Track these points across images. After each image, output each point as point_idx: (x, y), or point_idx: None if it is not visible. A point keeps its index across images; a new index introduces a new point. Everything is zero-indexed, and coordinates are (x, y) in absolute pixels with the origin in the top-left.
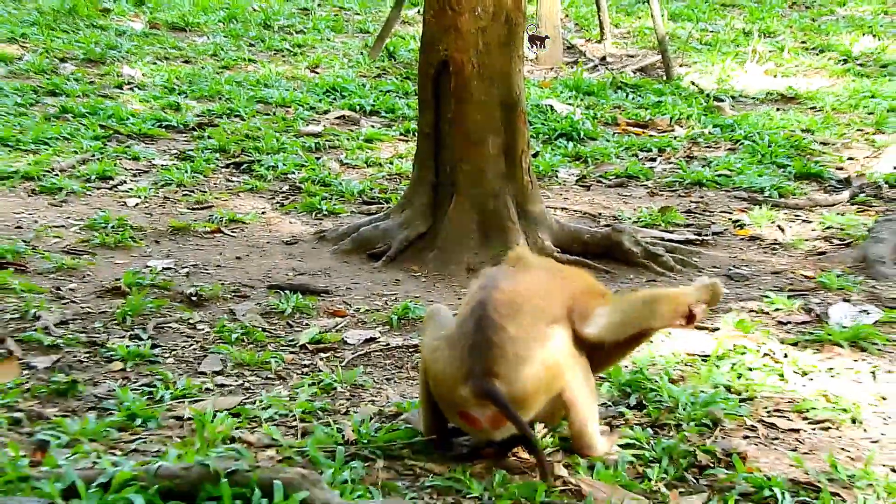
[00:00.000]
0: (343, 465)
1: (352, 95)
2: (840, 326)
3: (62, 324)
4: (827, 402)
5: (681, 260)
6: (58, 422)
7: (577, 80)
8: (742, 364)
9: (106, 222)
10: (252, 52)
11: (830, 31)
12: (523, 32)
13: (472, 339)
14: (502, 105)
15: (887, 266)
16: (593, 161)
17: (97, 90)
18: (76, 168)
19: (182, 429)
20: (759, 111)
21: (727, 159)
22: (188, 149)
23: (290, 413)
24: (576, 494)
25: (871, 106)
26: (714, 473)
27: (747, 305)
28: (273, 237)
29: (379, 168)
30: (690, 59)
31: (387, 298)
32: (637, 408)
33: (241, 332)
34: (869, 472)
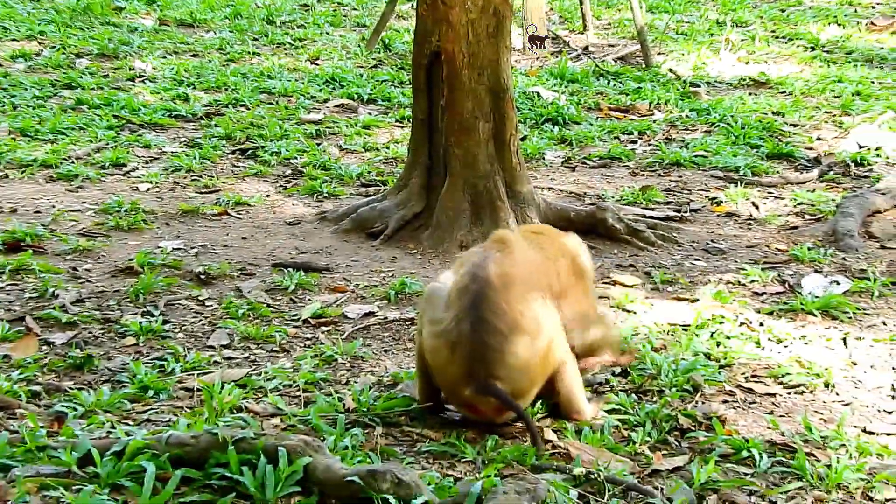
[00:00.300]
0: (344, 433)
1: (350, 85)
2: (812, 296)
3: (78, 302)
4: (801, 367)
5: (661, 235)
6: (74, 394)
7: (561, 69)
8: (720, 333)
9: (119, 206)
10: (256, 45)
11: (798, 21)
12: (510, 24)
13: (470, 345)
14: (491, 92)
15: (855, 239)
16: (578, 144)
17: (111, 83)
18: (91, 156)
19: (192, 399)
20: (733, 96)
21: (704, 141)
22: (196, 137)
23: (293, 384)
24: (564, 457)
25: (837, 90)
26: (695, 436)
27: (725, 277)
28: (277, 218)
29: (376, 153)
30: (668, 48)
31: (384, 275)
32: (622, 375)
33: (247, 307)
34: (841, 433)
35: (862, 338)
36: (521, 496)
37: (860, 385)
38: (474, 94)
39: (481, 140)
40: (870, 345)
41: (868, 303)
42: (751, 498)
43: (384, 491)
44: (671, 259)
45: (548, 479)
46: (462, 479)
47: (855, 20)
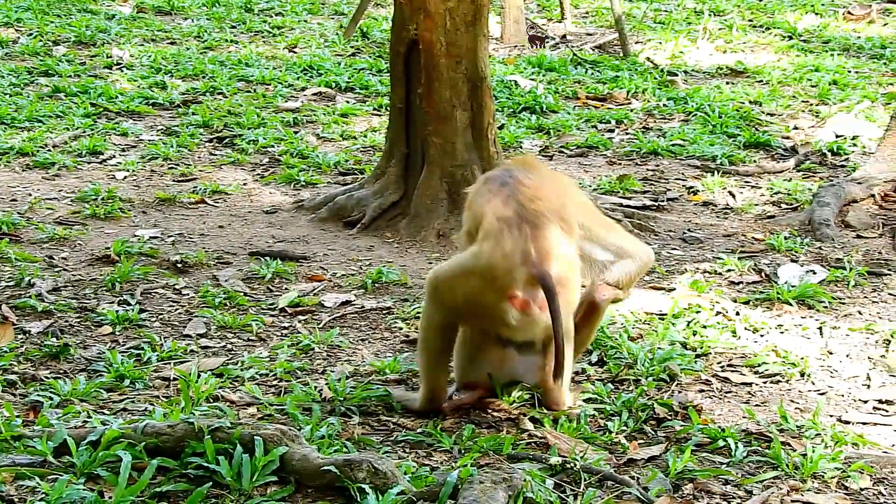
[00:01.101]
0: (320, 422)
1: (328, 73)
2: (788, 286)
3: (55, 290)
4: (777, 356)
5: (638, 225)
6: (50, 383)
7: (539, 58)
8: (697, 322)
9: (96, 194)
10: (234, 33)
11: (776, 10)
12: (488, 12)
13: (521, 228)
14: (469, 81)
15: (831, 228)
16: (555, 133)
17: (88, 71)
18: (68, 144)
19: (168, 389)
20: (710, 85)
21: (681, 130)
22: (174, 125)
23: (270, 373)
24: (541, 447)
25: (814, 79)
26: (671, 425)
27: (701, 267)
28: (254, 207)
29: (354, 141)
30: (645, 37)
31: (361, 263)
32: (598, 364)
33: (223, 296)
34: (817, 422)
35: (838, 327)
36: (497, 485)
37: (836, 374)
38: (452, 83)
39: (459, 129)
40: (846, 334)
41: (844, 292)
42: (726, 487)
43: (360, 480)
44: None
45: (524, 469)
46: (438, 468)
47: (832, 9)
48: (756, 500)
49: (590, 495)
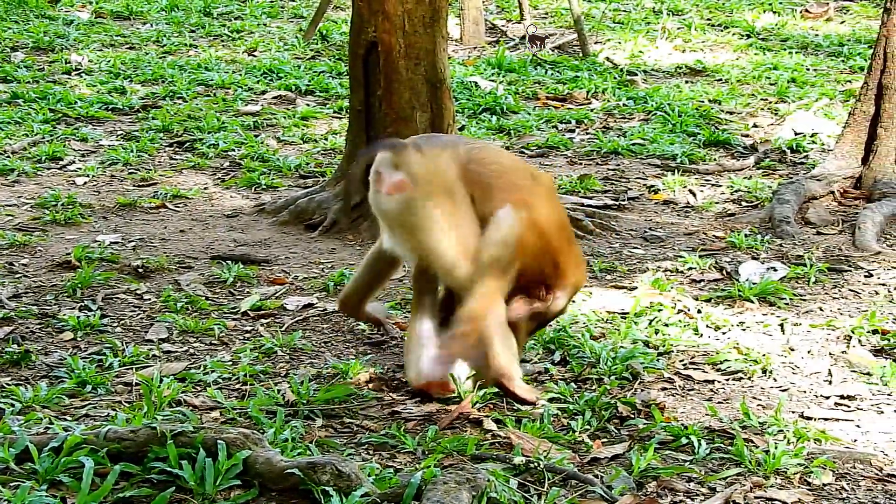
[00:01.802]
0: (283, 425)
1: (288, 76)
2: (749, 283)
3: (15, 297)
4: (739, 354)
5: (599, 224)
6: (11, 390)
7: (499, 58)
8: (659, 320)
9: (56, 200)
10: (193, 37)
11: (734, 9)
12: (447, 14)
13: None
14: (428, 83)
15: (792, 226)
16: (516, 133)
17: (46, 76)
18: (27, 150)
19: (130, 394)
20: (670, 84)
21: (641, 129)
22: (133, 130)
23: (233, 377)
24: (505, 447)
25: (773, 77)
26: (634, 424)
27: (663, 265)
28: (215, 211)
29: (314, 144)
30: (605, 37)
31: (323, 266)
32: (561, 363)
33: (185, 301)
34: (779, 418)
35: (799, 323)
36: (461, 486)
37: (798, 371)
38: (411, 85)
39: (419, 130)
40: (807, 330)
41: (805, 289)
42: (690, 484)
43: (324, 483)
44: (609, 247)
45: (488, 469)
46: (402, 469)
47: (790, 7)
48: (719, 497)
49: (554, 494)
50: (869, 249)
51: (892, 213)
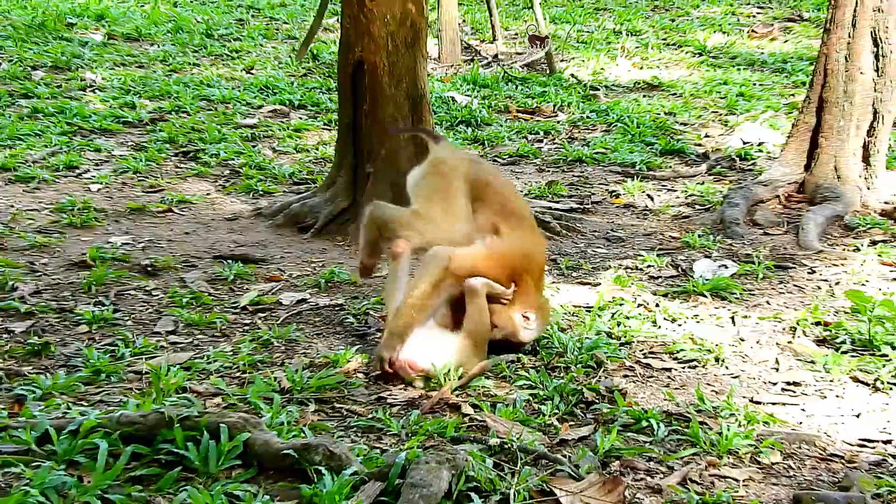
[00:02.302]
0: (280, 410)
1: (282, 92)
2: (703, 279)
3: (36, 293)
4: (694, 344)
5: (566, 226)
6: (33, 378)
7: (473, 75)
8: (620, 313)
9: (73, 205)
10: (196, 57)
11: (687, 30)
12: (426, 35)
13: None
14: (410, 97)
15: (741, 227)
16: (489, 143)
17: (63, 93)
18: (46, 160)
19: (140, 382)
20: (629, 98)
21: (603, 139)
22: (142, 141)
23: (233, 366)
24: (481, 429)
25: (723, 92)
26: (599, 408)
27: (624, 263)
28: (217, 215)
29: (306, 153)
30: (569, 56)
31: (315, 265)
32: (531, 353)
33: (190, 296)
34: (731, 403)
35: (748, 316)
36: (441, 465)
37: (747, 359)
38: (394, 100)
39: (401, 141)
40: (756, 322)
41: (753, 284)
42: (650, 463)
43: (317, 462)
44: (575, 247)
45: (466, 450)
46: (388, 450)
47: (738, 28)
48: (677, 475)
49: (526, 473)
50: (811, 248)
51: (833, 215)
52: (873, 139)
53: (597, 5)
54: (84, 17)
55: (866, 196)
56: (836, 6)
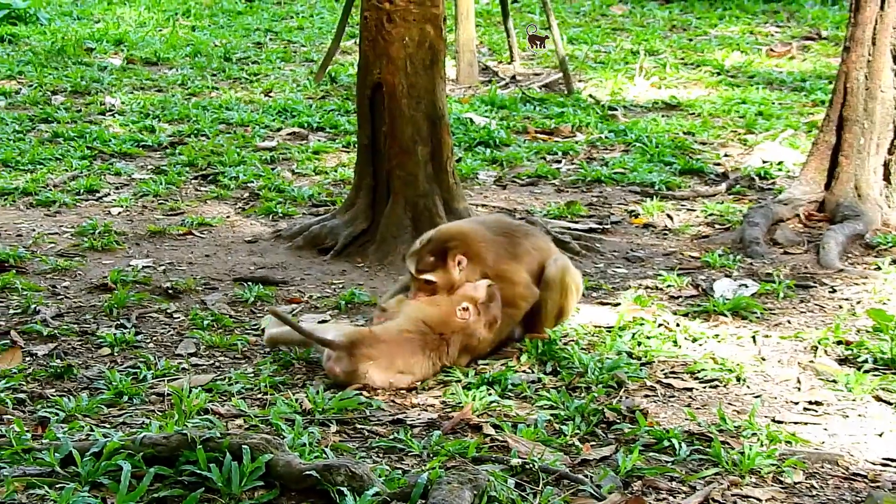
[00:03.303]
0: (302, 431)
1: (300, 115)
2: (723, 299)
3: (58, 316)
4: (715, 363)
5: (585, 246)
6: (56, 400)
7: (491, 96)
8: (641, 333)
9: (93, 229)
10: (214, 81)
11: (705, 49)
12: (444, 57)
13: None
14: (428, 119)
15: (761, 246)
16: (508, 164)
17: (83, 117)
18: (67, 183)
19: (163, 403)
20: (647, 118)
21: (622, 159)
22: (162, 164)
23: (255, 387)
24: (502, 450)
25: (742, 111)
26: (620, 428)
27: (643, 283)
28: (237, 237)
29: (325, 176)
30: (587, 76)
31: (335, 286)
32: (553, 374)
33: (211, 319)
34: (753, 423)
35: (769, 335)
36: (463, 486)
37: (769, 379)
38: (413, 121)
39: (420, 162)
40: (777, 342)
41: (774, 303)
42: (672, 483)
43: (339, 483)
44: (595, 267)
45: (487, 470)
46: (410, 471)
47: (756, 47)
48: (699, 495)
49: (548, 493)
50: (832, 267)
51: (853, 233)
52: (894, 157)
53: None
54: (103, 42)
55: (887, 214)
56: (856, 24)
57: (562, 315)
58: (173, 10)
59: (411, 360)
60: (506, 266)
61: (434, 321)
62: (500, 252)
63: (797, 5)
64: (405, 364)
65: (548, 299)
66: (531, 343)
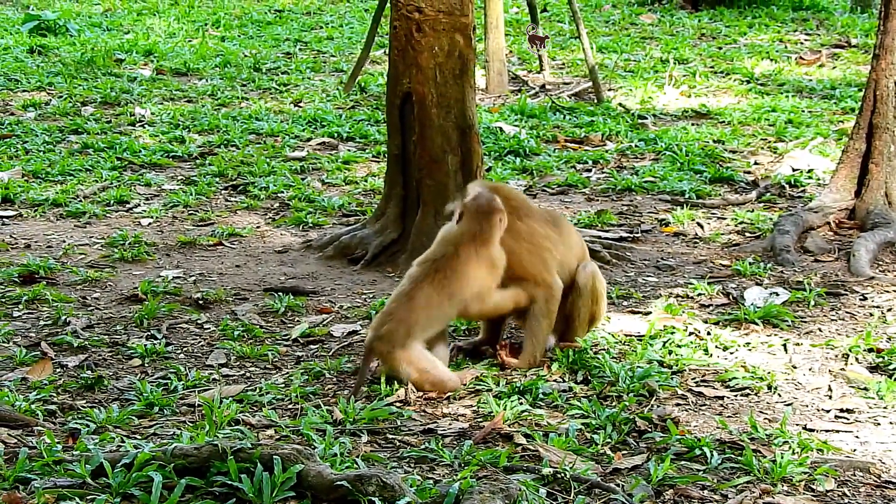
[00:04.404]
0: (333, 441)
1: (330, 125)
2: (754, 307)
3: (88, 328)
4: (746, 372)
5: (616, 255)
6: (87, 412)
7: (521, 105)
8: (672, 342)
9: (124, 240)
10: (244, 91)
11: (734, 57)
12: (474, 66)
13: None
14: (458, 128)
15: (791, 254)
16: (538, 173)
17: (113, 128)
18: (97, 194)
19: (193, 414)
20: (677, 126)
21: (652, 168)
22: (192, 175)
23: (285, 397)
24: (534, 459)
25: (771, 119)
26: (652, 437)
27: (674, 292)
28: (267, 247)
29: (355, 185)
30: (617, 85)
31: (366, 296)
32: (584, 383)
33: (241, 329)
34: (784, 431)
35: (801, 343)
36: (495, 495)
37: (800, 387)
38: (443, 131)
39: (450, 172)
40: (808, 350)
41: (805, 311)
42: (704, 492)
43: (371, 494)
44: (625, 276)
45: (519, 479)
46: (441, 481)
47: (785, 55)
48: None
49: (579, 502)
50: (863, 275)
51: (884, 241)
52: None
53: (643, 34)
54: (133, 52)
55: None
56: (885, 32)
57: (593, 321)
58: (203, 20)
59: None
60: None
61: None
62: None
63: (827, 13)
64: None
65: (581, 305)
66: (562, 352)
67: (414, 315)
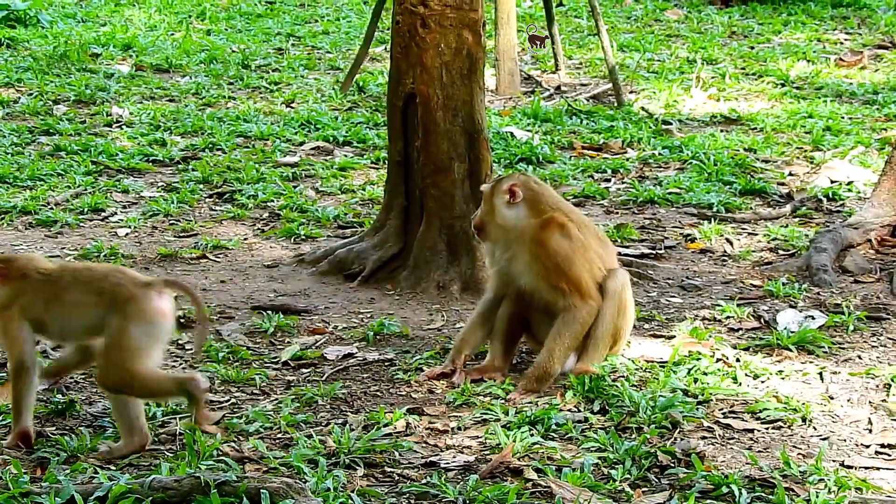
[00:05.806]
0: (326, 474)
1: (325, 128)
2: (788, 331)
3: (59, 348)
4: (778, 402)
5: (637, 273)
6: (57, 439)
7: (534, 108)
8: (698, 369)
9: (99, 251)
10: (232, 90)
11: (768, 58)
12: (483, 65)
13: None
14: (466, 133)
15: (829, 274)
16: (552, 183)
17: (88, 129)
18: (70, 202)
19: (174, 443)
20: (705, 133)
21: (677, 178)
22: (174, 181)
23: (275, 426)
24: (545, 496)
25: (808, 126)
26: (675, 473)
27: (700, 314)
28: (255, 261)
29: (352, 194)
30: (639, 87)
31: (363, 316)
32: (601, 412)
33: (227, 350)
34: (820, 467)
35: (838, 372)
36: None
37: (838, 419)
38: (449, 136)
39: (457, 180)
40: (846, 379)
41: (843, 337)
42: None
43: None
44: (647, 296)
45: None
46: None
47: (823, 56)
48: None
49: None
50: None
51: None
52: None
53: (668, 32)
54: (110, 46)
55: None
56: None
57: (615, 341)
58: (187, 12)
59: None
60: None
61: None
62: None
63: (869, 11)
64: None
65: (605, 312)
66: (577, 379)
67: None
